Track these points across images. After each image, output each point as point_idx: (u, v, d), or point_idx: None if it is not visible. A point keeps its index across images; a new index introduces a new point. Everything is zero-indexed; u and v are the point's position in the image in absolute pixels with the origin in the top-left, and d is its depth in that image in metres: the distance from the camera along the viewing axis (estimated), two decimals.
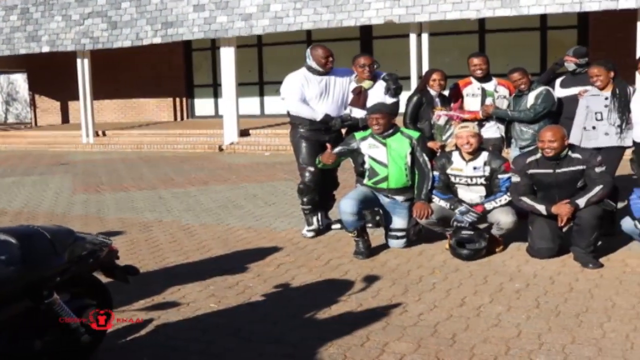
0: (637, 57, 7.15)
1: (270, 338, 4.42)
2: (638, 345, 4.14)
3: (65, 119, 23.00)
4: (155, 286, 5.54)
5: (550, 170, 5.95)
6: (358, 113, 6.98)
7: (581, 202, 5.80)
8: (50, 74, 21.73)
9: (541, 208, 5.94)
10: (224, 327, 4.63)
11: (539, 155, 6.01)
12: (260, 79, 20.20)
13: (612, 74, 6.66)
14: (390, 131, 6.39)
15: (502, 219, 6.06)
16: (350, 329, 4.48)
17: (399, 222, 6.48)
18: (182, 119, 21.32)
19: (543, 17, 16.03)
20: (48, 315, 3.65)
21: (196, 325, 4.68)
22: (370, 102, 6.86)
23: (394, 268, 5.91)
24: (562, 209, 5.84)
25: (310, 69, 7.01)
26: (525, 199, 6.01)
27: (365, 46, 18.06)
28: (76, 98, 19.09)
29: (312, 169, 6.92)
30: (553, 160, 5.93)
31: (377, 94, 6.97)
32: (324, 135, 6.97)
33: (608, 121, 6.59)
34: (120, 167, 14.06)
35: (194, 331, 4.58)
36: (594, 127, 6.64)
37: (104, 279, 4.14)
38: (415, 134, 6.50)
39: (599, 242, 5.96)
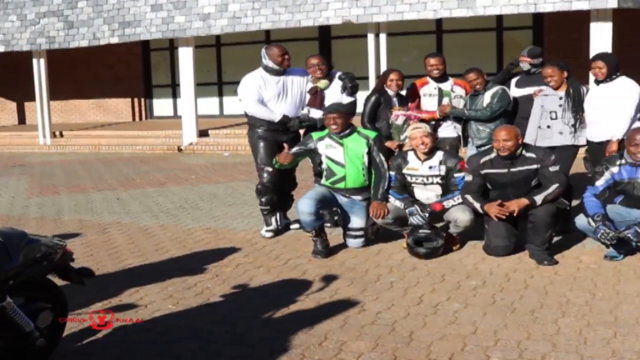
0: (590, 57, 7.23)
1: (229, 338, 4.42)
2: (591, 340, 4.22)
3: (21, 119, 22.67)
4: (113, 288, 5.50)
5: (505, 170, 6.02)
6: (315, 113, 7.01)
7: (538, 199, 5.88)
8: (5, 74, 21.41)
9: (477, 206, 6.03)
10: (182, 329, 4.61)
11: (493, 155, 6.09)
12: (219, 79, 20.12)
13: (565, 74, 6.77)
14: (347, 131, 6.43)
15: (460, 216, 6.12)
16: (309, 329, 4.50)
17: (357, 221, 6.52)
18: (140, 119, 21.15)
19: (499, 18, 16.19)
20: (1, 319, 3.60)
21: (154, 327, 4.66)
22: (327, 102, 6.89)
23: (352, 267, 5.95)
24: (507, 206, 5.93)
25: (267, 68, 7.01)
26: (468, 196, 6.09)
27: (323, 46, 18.09)
28: (33, 99, 18.82)
29: (270, 169, 6.92)
30: (507, 160, 6.01)
31: (334, 93, 7.01)
32: (281, 136, 6.98)
33: (562, 120, 6.70)
34: (77, 169, 13.92)
35: (152, 333, 4.55)
36: (548, 126, 6.74)
37: (59, 282, 4.10)
38: (372, 134, 6.54)
39: (553, 240, 6.06)
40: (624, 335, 4.27)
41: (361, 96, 7.16)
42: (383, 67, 13.53)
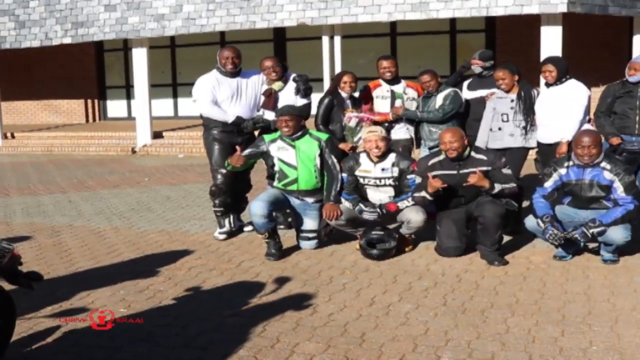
0: (541, 60, 7.35)
1: (180, 341, 4.40)
2: (539, 338, 4.30)
3: None
4: (64, 292, 5.43)
5: (454, 172, 6.10)
6: (269, 115, 7.01)
7: (497, 186, 5.97)
8: None
9: (424, 194, 6.07)
10: (134, 332, 4.58)
11: (442, 156, 6.16)
12: (173, 80, 19.98)
13: (516, 77, 6.87)
14: (299, 133, 6.44)
15: (413, 217, 6.17)
16: (261, 331, 4.51)
17: (309, 223, 6.54)
18: (94, 120, 20.92)
19: (452, 21, 16.35)
20: None
21: (105, 331, 4.61)
22: (281, 104, 6.90)
23: (305, 269, 5.96)
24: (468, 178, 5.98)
25: (220, 70, 7.01)
26: (416, 194, 6.16)
27: (278, 48, 18.09)
28: None
29: (224, 171, 6.91)
30: (456, 161, 6.09)
31: (289, 95, 7.02)
32: (236, 138, 6.98)
33: (513, 122, 6.79)
34: (29, 171, 13.71)
35: (103, 337, 4.50)
36: (499, 128, 6.83)
37: (7, 286, 4.04)
38: (323, 136, 6.57)
39: (503, 240, 6.15)
40: (571, 333, 4.36)
41: (316, 98, 7.18)
42: (337, 69, 13.59)
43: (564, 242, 5.80)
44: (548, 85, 6.80)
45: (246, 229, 7.27)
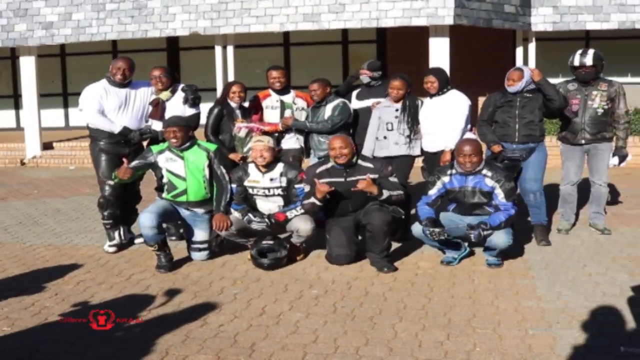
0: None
1: (67, 359, 4.31)
2: (425, 342, 4.42)
3: None
4: None
5: (342, 179, 6.19)
6: (158, 125, 6.95)
7: (385, 192, 6.07)
8: None
9: (315, 201, 6.15)
10: (17, 351, 4.45)
11: (330, 164, 6.25)
12: (64, 89, 19.50)
13: (409, 90, 7.03)
14: (188, 144, 6.42)
15: (301, 226, 6.23)
16: (150, 344, 4.46)
17: (200, 234, 6.51)
18: None
19: (344, 32, 16.56)
20: None
21: None
22: (169, 114, 6.86)
23: (196, 280, 5.93)
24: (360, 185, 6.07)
25: (109, 80, 6.92)
26: (305, 201, 6.23)
27: (172, 57, 17.92)
28: None
29: (111, 182, 6.81)
30: (344, 169, 6.18)
31: (177, 105, 6.98)
32: (124, 149, 6.90)
33: (398, 131, 6.93)
34: None
35: None
36: (385, 137, 6.97)
37: None
38: (212, 147, 6.56)
39: (392, 247, 6.28)
40: (456, 337, 4.51)
41: (206, 108, 7.17)
42: (231, 79, 13.56)
43: (445, 239, 6.03)
44: (431, 95, 6.98)
45: (137, 241, 7.17)
